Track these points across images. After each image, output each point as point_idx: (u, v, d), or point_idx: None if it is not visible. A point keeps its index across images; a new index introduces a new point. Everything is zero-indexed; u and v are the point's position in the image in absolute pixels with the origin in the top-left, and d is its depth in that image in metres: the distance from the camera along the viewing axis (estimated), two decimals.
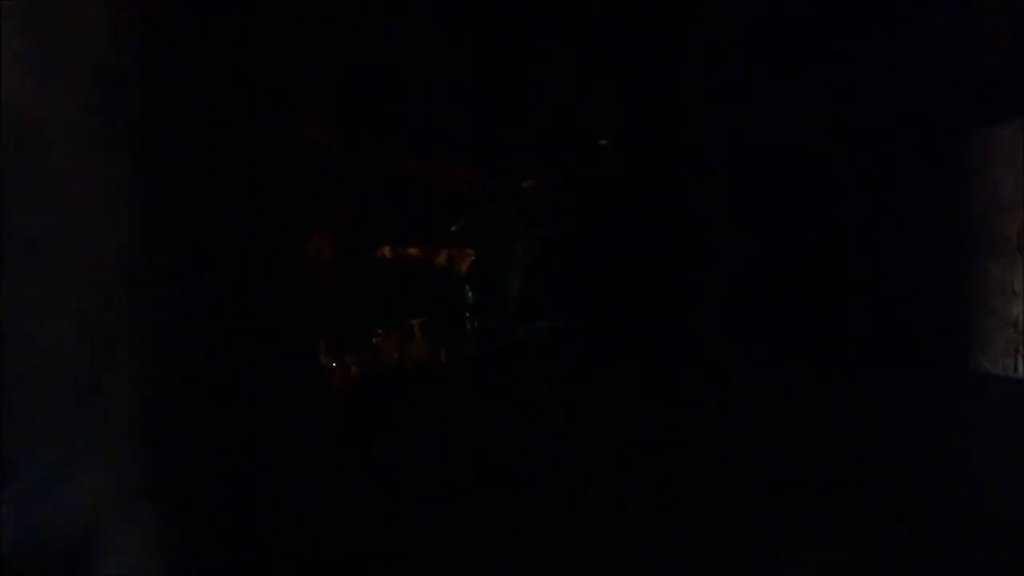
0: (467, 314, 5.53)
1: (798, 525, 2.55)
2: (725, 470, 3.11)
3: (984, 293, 4.36)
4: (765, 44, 4.66)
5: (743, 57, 4.70)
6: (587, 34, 4.66)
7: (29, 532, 1.76)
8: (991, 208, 4.36)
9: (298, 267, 2.59)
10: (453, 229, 5.61)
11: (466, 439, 3.68)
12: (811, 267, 4.83)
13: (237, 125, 2.37)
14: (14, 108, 1.75)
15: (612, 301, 5.45)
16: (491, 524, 2.65)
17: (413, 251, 5.45)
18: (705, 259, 4.85)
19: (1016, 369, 4.23)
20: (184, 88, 2.19)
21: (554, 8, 4.46)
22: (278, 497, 2.42)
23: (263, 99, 2.53)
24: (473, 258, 5.73)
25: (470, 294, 5.64)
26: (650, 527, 2.56)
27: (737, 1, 4.55)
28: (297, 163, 2.58)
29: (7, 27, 1.80)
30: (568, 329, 5.52)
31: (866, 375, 4.53)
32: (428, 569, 2.35)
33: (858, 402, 4.04)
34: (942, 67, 4.45)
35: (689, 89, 4.76)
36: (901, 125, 4.70)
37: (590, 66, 4.81)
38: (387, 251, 5.22)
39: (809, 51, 4.66)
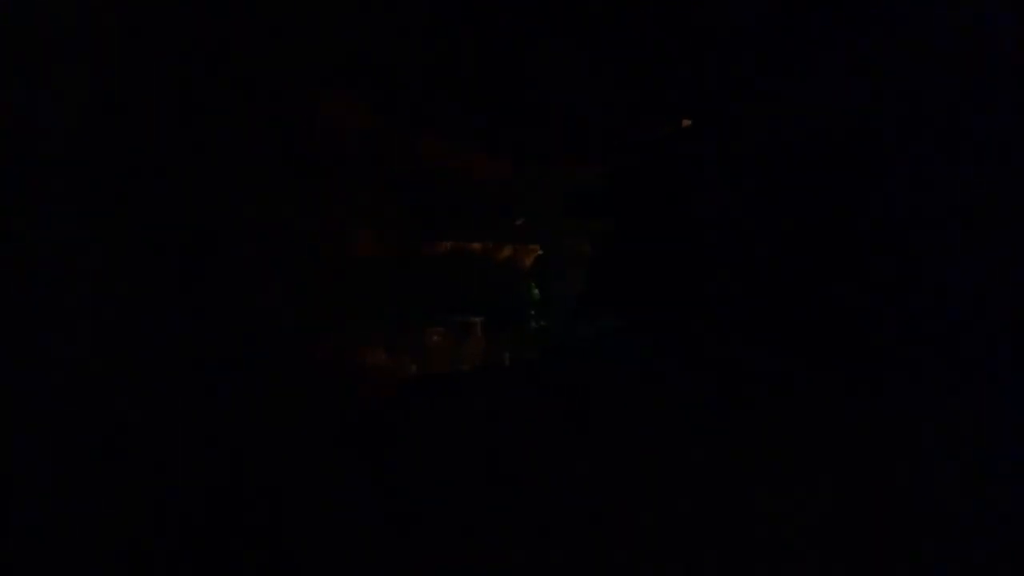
0: (529, 312, 5.29)
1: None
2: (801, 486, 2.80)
3: None
4: (820, 17, 4.19)
5: (804, 32, 4.24)
6: (652, 14, 4.33)
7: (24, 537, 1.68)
8: None
9: (329, 264, 2.44)
10: (517, 223, 5.38)
11: (527, 449, 3.46)
12: (865, 265, 4.34)
13: (262, 109, 2.23)
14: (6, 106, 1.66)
15: (678, 300, 5.05)
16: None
17: (474, 246, 5.26)
18: (782, 255, 4.42)
19: None
20: (204, 74, 2.06)
21: None
22: (298, 507, 2.27)
23: (296, 83, 2.38)
24: (536, 254, 5.49)
25: (536, 291, 5.40)
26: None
27: None
28: (328, 149, 2.43)
29: None
30: (629, 329, 5.15)
31: (920, 382, 4.02)
32: None
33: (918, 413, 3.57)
34: (993, 47, 3.89)
35: (767, 66, 4.35)
36: (947, 113, 4.14)
37: (655, 51, 4.47)
38: (446, 246, 5.05)
39: (858, 28, 4.16)
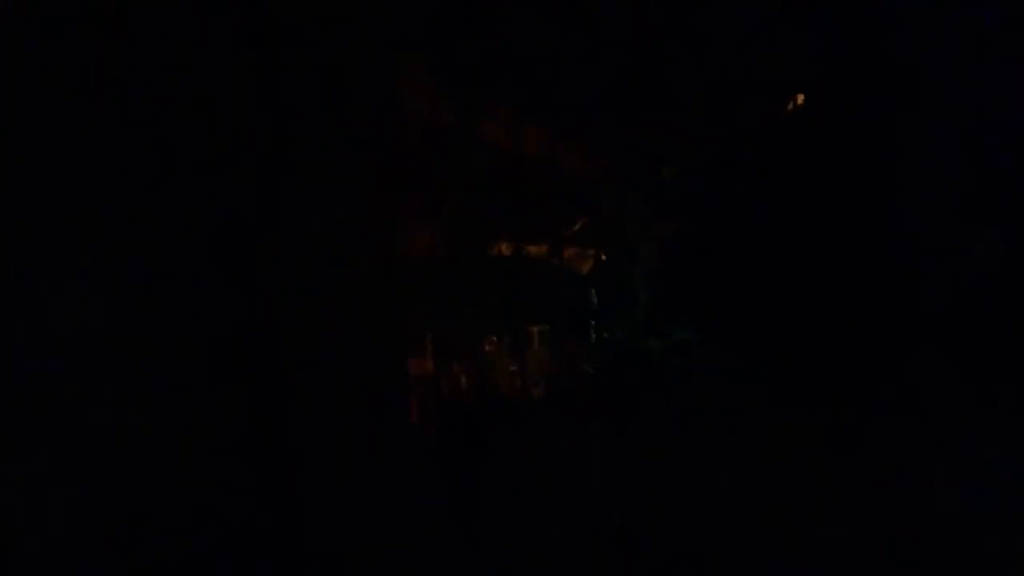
0: (592, 322, 4.86)
1: None
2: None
3: None
4: None
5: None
6: None
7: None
8: None
9: (379, 265, 2.13)
10: (579, 225, 4.96)
11: (592, 479, 3.06)
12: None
13: (311, 91, 1.91)
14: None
15: (759, 311, 4.48)
16: None
17: (533, 249, 4.87)
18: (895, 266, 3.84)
19: None
20: (243, 44, 1.76)
21: None
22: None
23: (347, 56, 2.06)
24: (602, 259, 5.05)
25: (595, 299, 4.97)
26: None
27: None
28: (384, 138, 2.12)
29: None
30: (705, 343, 4.62)
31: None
32: None
33: None
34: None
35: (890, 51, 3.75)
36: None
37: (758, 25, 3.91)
38: (503, 248, 4.67)
39: None
